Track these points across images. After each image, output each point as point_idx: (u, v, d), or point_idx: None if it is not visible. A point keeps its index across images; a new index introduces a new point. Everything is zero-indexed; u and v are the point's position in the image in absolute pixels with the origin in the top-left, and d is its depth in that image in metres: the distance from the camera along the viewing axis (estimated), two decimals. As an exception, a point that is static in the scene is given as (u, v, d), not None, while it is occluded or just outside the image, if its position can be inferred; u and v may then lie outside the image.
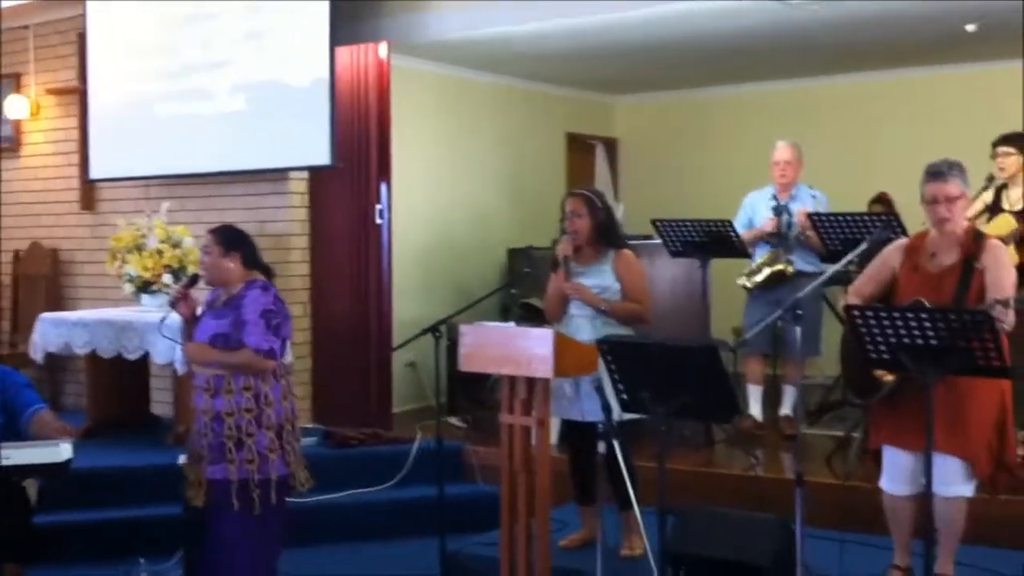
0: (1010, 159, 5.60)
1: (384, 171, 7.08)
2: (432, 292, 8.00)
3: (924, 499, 3.66)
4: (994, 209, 5.65)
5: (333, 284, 7.16)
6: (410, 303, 7.68)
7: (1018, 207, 5.54)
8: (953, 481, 3.95)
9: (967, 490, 4.02)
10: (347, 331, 7.10)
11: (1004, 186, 5.64)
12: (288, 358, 4.66)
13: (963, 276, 3.98)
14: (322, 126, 6.66)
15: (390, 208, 7.10)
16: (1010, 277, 4.03)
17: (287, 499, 4.55)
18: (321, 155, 6.71)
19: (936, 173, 4.05)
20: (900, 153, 8.17)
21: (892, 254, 4.23)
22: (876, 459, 4.25)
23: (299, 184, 7.15)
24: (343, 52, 6.90)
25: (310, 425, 6.91)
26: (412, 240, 7.92)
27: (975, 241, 4.05)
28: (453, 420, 7.02)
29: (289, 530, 4.62)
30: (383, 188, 7.08)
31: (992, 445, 4.00)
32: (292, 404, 4.53)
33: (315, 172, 7.08)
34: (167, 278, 6.66)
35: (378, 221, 7.08)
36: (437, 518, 4.86)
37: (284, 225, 7.09)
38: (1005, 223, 5.53)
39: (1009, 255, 5.34)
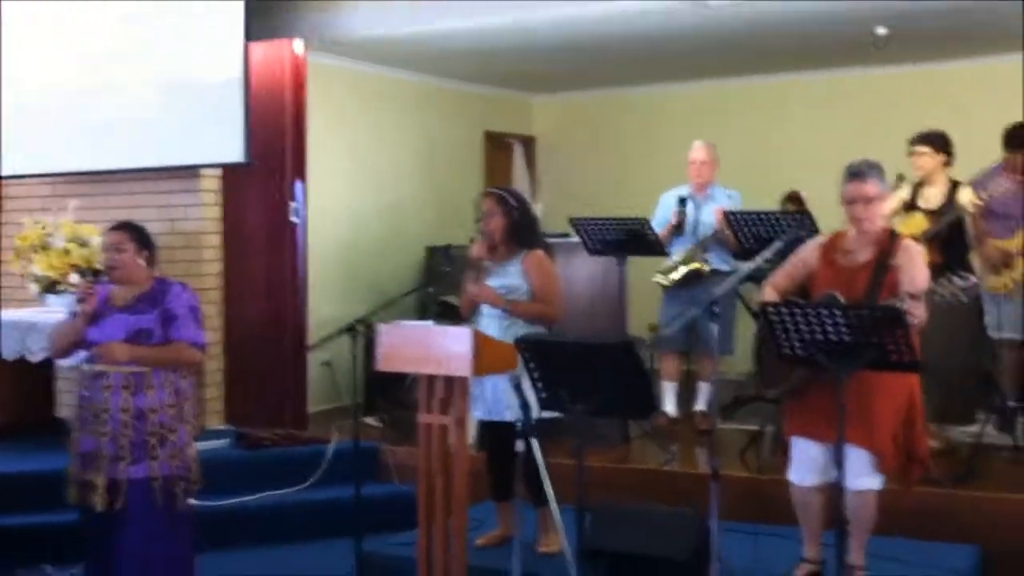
0: (925, 158, 5.70)
1: (299, 169, 6.99)
2: (349, 291, 7.92)
3: (833, 490, 3.71)
4: (911, 207, 5.73)
5: (247, 283, 7.05)
6: (326, 302, 7.60)
7: (933, 205, 5.64)
8: (862, 473, 4.01)
9: (875, 483, 4.09)
10: (261, 331, 7.00)
11: (921, 184, 5.74)
12: None
13: (876, 272, 4.04)
14: (236, 123, 6.56)
15: (306, 206, 7.01)
16: (923, 274, 4.10)
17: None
18: (234, 152, 6.60)
19: (856, 174, 4.11)
20: (812, 153, 8.31)
21: (810, 252, 4.29)
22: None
23: (212, 182, 7.02)
24: (257, 48, 6.80)
25: (223, 427, 6.81)
26: (328, 239, 7.84)
27: (891, 240, 4.12)
28: (370, 420, 6.96)
29: (198, 532, 4.56)
30: (298, 186, 6.99)
31: (899, 439, 4.07)
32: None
33: (228, 169, 6.96)
34: (74, 278, 6.49)
35: (293, 219, 6.99)
36: (353, 519, 4.80)
37: (196, 223, 6.96)
38: (917, 223, 5.64)
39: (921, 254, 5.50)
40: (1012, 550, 4.76)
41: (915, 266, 4.08)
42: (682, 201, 6.45)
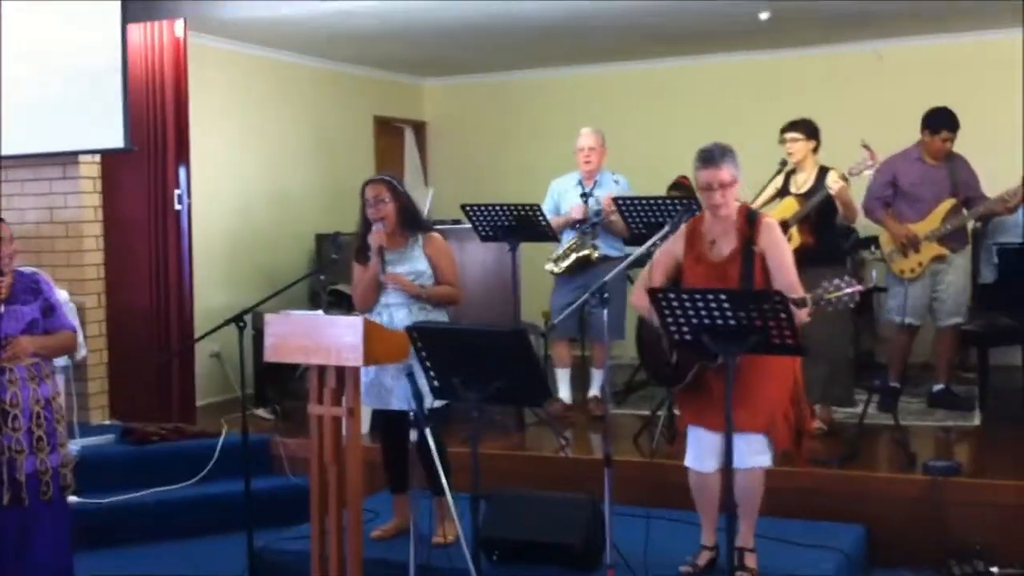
0: (798, 144, 5.82)
1: (182, 154, 6.82)
2: (237, 280, 7.78)
3: (726, 474, 3.77)
4: (784, 193, 5.87)
5: (129, 273, 6.85)
6: (214, 292, 7.45)
7: (803, 189, 5.77)
8: (752, 453, 4.07)
9: (765, 460, 4.16)
10: (145, 322, 6.82)
11: (793, 171, 5.87)
12: None
13: (745, 262, 4.07)
14: (115, 107, 6.36)
15: (190, 193, 6.84)
16: (789, 257, 4.15)
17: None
18: (114, 138, 6.40)
19: (708, 159, 4.05)
20: (698, 138, 8.34)
21: (674, 242, 4.26)
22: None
23: (91, 168, 6.80)
24: (136, 30, 6.61)
25: (108, 422, 6.63)
26: (215, 226, 7.67)
27: (749, 223, 4.12)
28: (261, 412, 6.85)
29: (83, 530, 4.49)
30: (182, 172, 6.82)
31: (789, 417, 4.15)
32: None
33: (108, 156, 6.75)
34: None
35: (177, 206, 6.81)
36: (244, 513, 4.71)
37: (75, 211, 6.74)
38: (789, 205, 5.77)
39: (791, 236, 5.62)
40: (895, 527, 4.90)
41: (780, 249, 4.11)
42: (584, 196, 6.45)
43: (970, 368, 7.20)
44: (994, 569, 4.57)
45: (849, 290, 3.82)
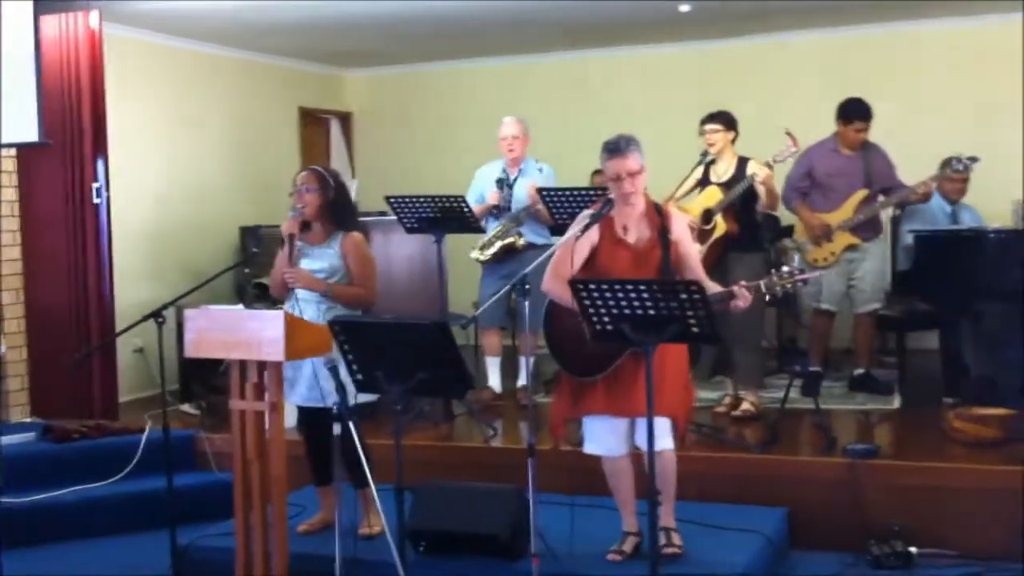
0: (718, 135, 5.90)
1: (100, 147, 6.69)
2: (160, 274, 7.68)
3: (640, 459, 3.82)
4: (704, 183, 5.93)
5: (48, 268, 6.73)
6: (136, 286, 7.35)
7: (725, 179, 5.85)
8: (660, 436, 4.10)
9: (669, 443, 4.25)
10: (65, 318, 6.69)
11: (712, 161, 5.94)
12: None
13: (663, 249, 4.16)
14: (28, 100, 6.18)
15: (108, 186, 6.72)
16: (692, 243, 4.35)
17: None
18: (28, 131, 6.23)
19: (614, 149, 4.13)
20: (620, 129, 8.41)
21: (591, 232, 4.26)
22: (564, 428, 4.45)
23: (6, 163, 6.68)
24: (50, 21, 6.48)
25: (28, 420, 6.50)
26: (136, 220, 7.56)
27: (659, 214, 4.22)
28: (186, 407, 6.77)
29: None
30: (100, 165, 6.70)
31: (685, 402, 4.28)
32: None
33: (23, 150, 6.60)
34: None
35: (95, 200, 6.70)
36: (167, 510, 4.65)
37: (-8, 206, 6.60)
38: (712, 194, 5.84)
39: (716, 224, 5.70)
40: (816, 509, 4.98)
41: (686, 235, 4.27)
42: (499, 182, 6.46)
43: (889, 352, 7.34)
44: (912, 549, 4.67)
45: (800, 277, 3.93)
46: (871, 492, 4.91)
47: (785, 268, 3.97)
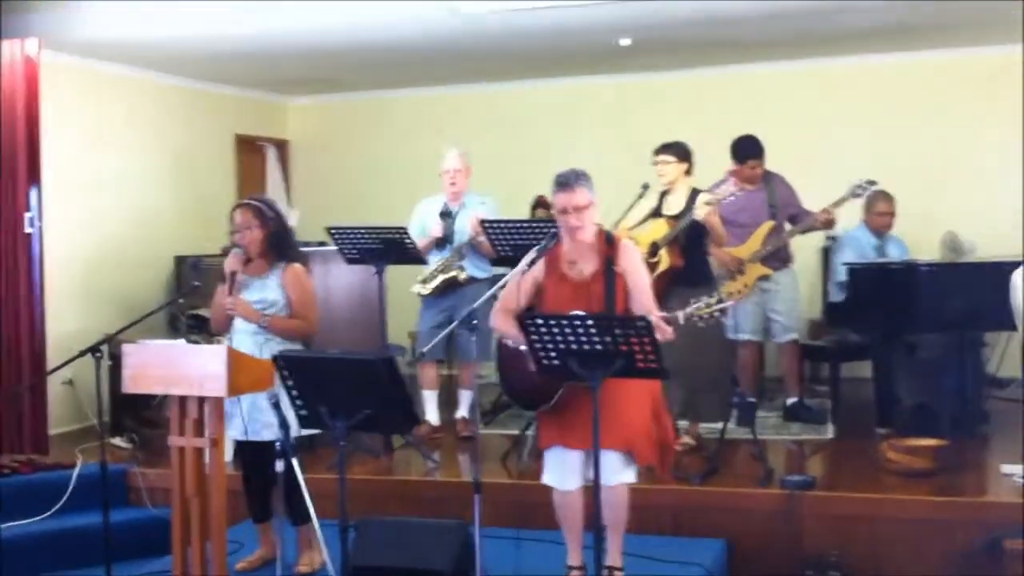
0: (669, 167, 5.91)
1: (34, 176, 6.59)
2: (94, 304, 7.55)
3: (591, 493, 3.84)
4: (657, 214, 5.95)
5: (-22, 298, 6.58)
6: (69, 316, 7.22)
7: (675, 212, 5.87)
8: (615, 471, 4.15)
9: (629, 477, 4.25)
10: (-5, 349, 6.55)
11: (666, 192, 5.96)
12: None
13: (608, 282, 4.18)
14: (-38, 128, 6.10)
15: (41, 216, 6.60)
16: (647, 279, 4.31)
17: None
18: (-39, 159, 6.14)
19: (564, 184, 4.17)
20: (560, 159, 8.44)
21: (536, 267, 4.30)
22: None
23: (-63, 190, 6.52)
24: (-14, 47, 6.37)
25: (-45, 454, 6.34)
26: (70, 250, 7.41)
27: (608, 245, 4.24)
28: (118, 441, 6.64)
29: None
30: (33, 194, 6.58)
31: (652, 433, 4.25)
32: None
33: (-45, 178, 6.48)
34: None
35: (28, 230, 6.57)
36: (102, 547, 4.56)
37: (-79, 236, 6.44)
38: (659, 228, 5.86)
39: (662, 257, 5.74)
40: (755, 541, 5.04)
41: (636, 266, 4.26)
42: (444, 215, 6.47)
43: (822, 382, 7.46)
44: (849, 579, 4.75)
45: (719, 305, 3.96)
46: (808, 522, 4.98)
47: (704, 299, 4.01)
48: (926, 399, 6.27)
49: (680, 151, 5.93)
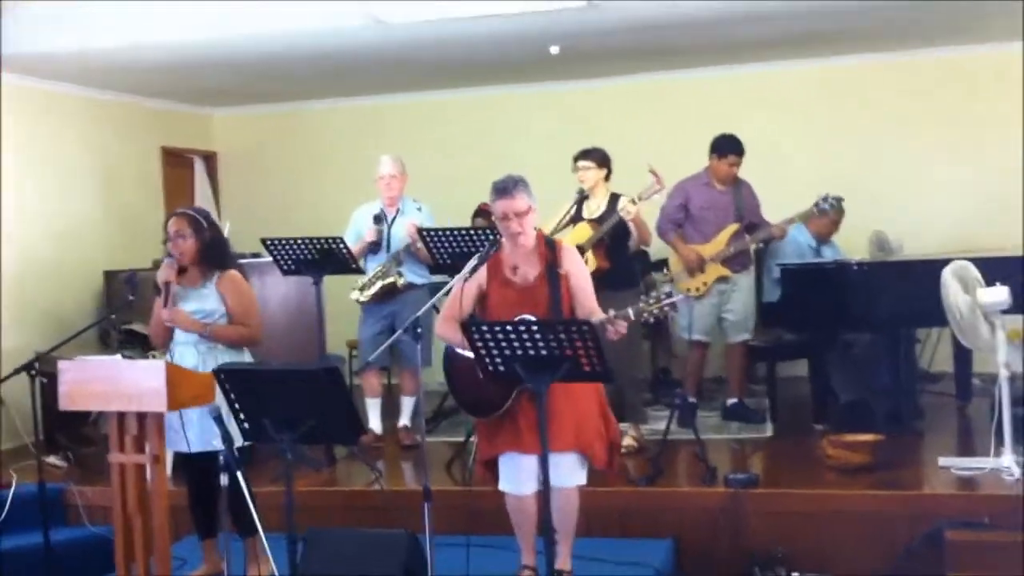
0: (590, 172, 6.00)
1: (-41, 191, 6.43)
2: (19, 321, 7.35)
3: (543, 497, 3.85)
4: (577, 219, 6.00)
5: (-99, 318, 6.40)
6: (-2, 332, 7.05)
7: (596, 215, 5.93)
8: (570, 472, 4.18)
9: (580, 478, 4.27)
10: (-79, 370, 6.36)
11: (585, 197, 6.03)
12: None
13: (551, 285, 4.20)
14: None
15: (-31, 230, 6.45)
16: (589, 282, 4.32)
17: None
18: None
19: (502, 190, 4.19)
20: (495, 167, 8.43)
21: (479, 274, 4.32)
22: (491, 468, 4.38)
23: None
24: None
25: None
26: (-3, 264, 7.24)
27: (550, 249, 4.27)
28: (53, 459, 6.47)
29: None
30: (-41, 209, 6.43)
31: (602, 433, 4.28)
32: None
33: None
34: None
35: (-45, 245, 6.42)
36: (42, 569, 4.46)
37: None
38: (583, 231, 5.92)
39: (588, 260, 5.76)
40: (702, 539, 5.08)
41: (581, 272, 4.30)
42: (377, 219, 6.44)
43: (759, 381, 7.57)
44: (795, 574, 4.80)
45: (668, 301, 3.99)
46: (753, 520, 5.04)
47: (653, 294, 4.04)
48: (862, 395, 6.37)
49: (599, 157, 6.03)
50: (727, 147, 6.63)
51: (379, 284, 6.39)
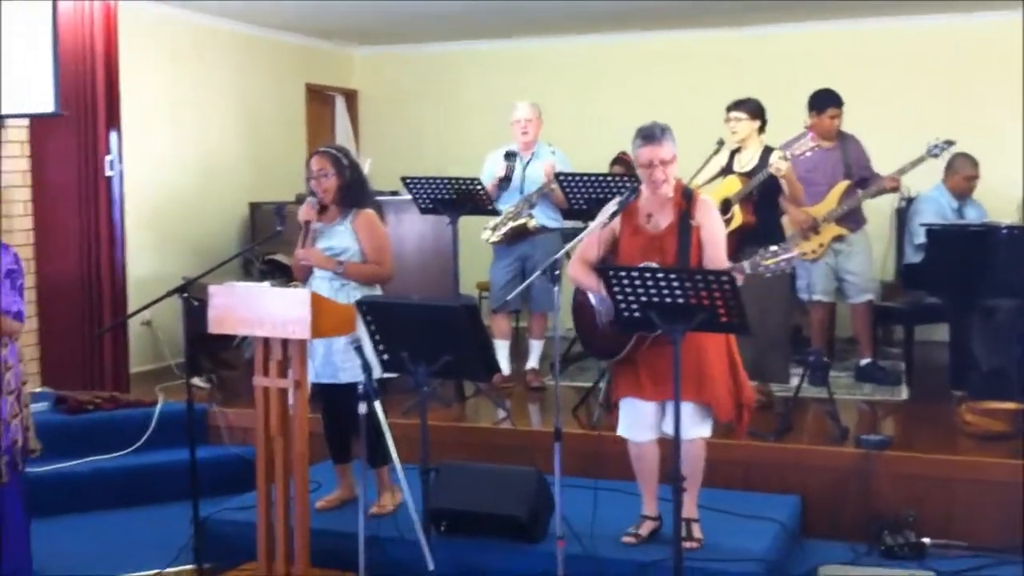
0: (742, 123, 5.85)
1: (113, 120, 6.70)
2: (167, 247, 7.68)
3: (669, 445, 3.86)
4: (727, 171, 5.90)
5: (60, 239, 6.72)
6: (144, 259, 7.36)
7: (747, 169, 5.82)
8: (692, 424, 4.16)
9: (705, 431, 4.27)
10: (77, 289, 6.69)
11: (737, 150, 5.91)
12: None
13: (681, 235, 4.15)
14: (44, 71, 6.15)
15: (121, 159, 6.71)
16: (722, 235, 4.27)
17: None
18: (44, 102, 6.20)
19: (649, 136, 4.13)
20: (635, 116, 8.36)
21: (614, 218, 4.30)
22: (616, 411, 4.41)
23: (19, 132, 6.63)
24: (67, -7, 6.44)
25: (39, 389, 6.50)
26: (146, 193, 7.52)
27: (686, 199, 4.21)
28: (196, 381, 6.73)
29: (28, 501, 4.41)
30: (113, 137, 6.70)
31: (731, 389, 4.25)
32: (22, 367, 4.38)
33: (37, 121, 6.58)
34: None
35: (108, 173, 6.69)
36: (188, 483, 4.66)
37: (3, 177, 6.54)
38: (732, 184, 5.81)
39: (734, 215, 5.69)
40: (829, 499, 5.04)
41: (711, 222, 4.22)
42: (509, 155, 6.46)
43: (896, 344, 7.39)
44: (926, 540, 4.72)
45: (785, 256, 3.92)
46: (883, 483, 4.96)
47: (771, 248, 3.97)
48: (1003, 364, 6.17)
49: (753, 108, 5.86)
50: (826, 101, 6.45)
51: (510, 225, 6.40)
